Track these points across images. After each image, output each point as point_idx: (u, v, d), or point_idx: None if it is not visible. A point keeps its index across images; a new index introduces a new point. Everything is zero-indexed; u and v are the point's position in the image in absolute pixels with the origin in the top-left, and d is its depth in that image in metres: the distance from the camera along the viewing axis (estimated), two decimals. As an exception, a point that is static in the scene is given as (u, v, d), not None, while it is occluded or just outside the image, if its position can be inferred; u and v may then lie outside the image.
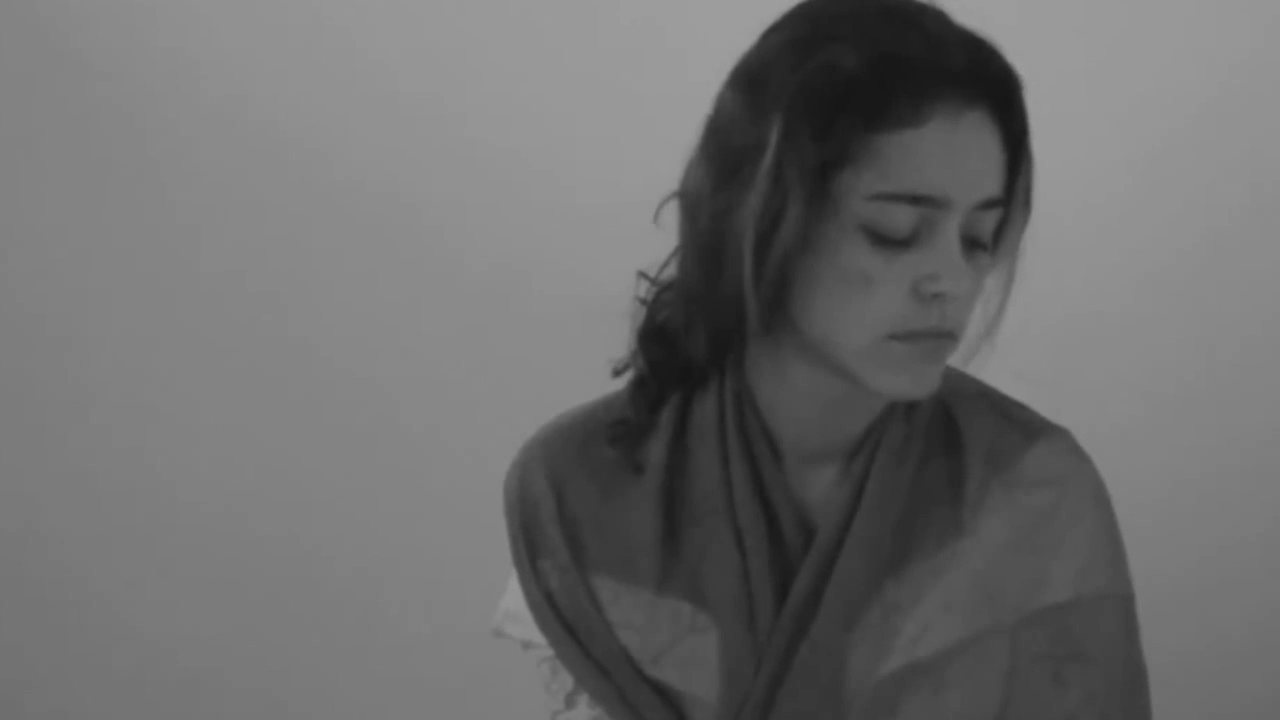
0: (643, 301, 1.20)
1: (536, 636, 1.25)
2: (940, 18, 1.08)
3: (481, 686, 2.31)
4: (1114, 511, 1.22)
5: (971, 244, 1.09)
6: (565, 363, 1.53)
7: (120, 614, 2.51)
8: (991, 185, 1.08)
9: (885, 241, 1.05)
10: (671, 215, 1.16)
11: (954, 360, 1.16)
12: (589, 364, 1.27)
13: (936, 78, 1.04)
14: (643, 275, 1.20)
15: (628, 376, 1.24)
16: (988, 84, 1.06)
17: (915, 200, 1.05)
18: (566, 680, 1.25)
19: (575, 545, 1.23)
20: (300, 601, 2.50)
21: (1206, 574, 2.22)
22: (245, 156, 2.44)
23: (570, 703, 1.25)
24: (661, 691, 1.20)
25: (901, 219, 1.05)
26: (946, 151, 1.04)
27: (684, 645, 1.19)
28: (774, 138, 1.03)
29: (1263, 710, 2.24)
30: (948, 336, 1.10)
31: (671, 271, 1.19)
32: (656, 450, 1.22)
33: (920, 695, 1.15)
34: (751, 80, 1.08)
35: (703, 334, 1.16)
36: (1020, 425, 1.23)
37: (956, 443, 1.20)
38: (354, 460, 2.48)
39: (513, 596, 1.27)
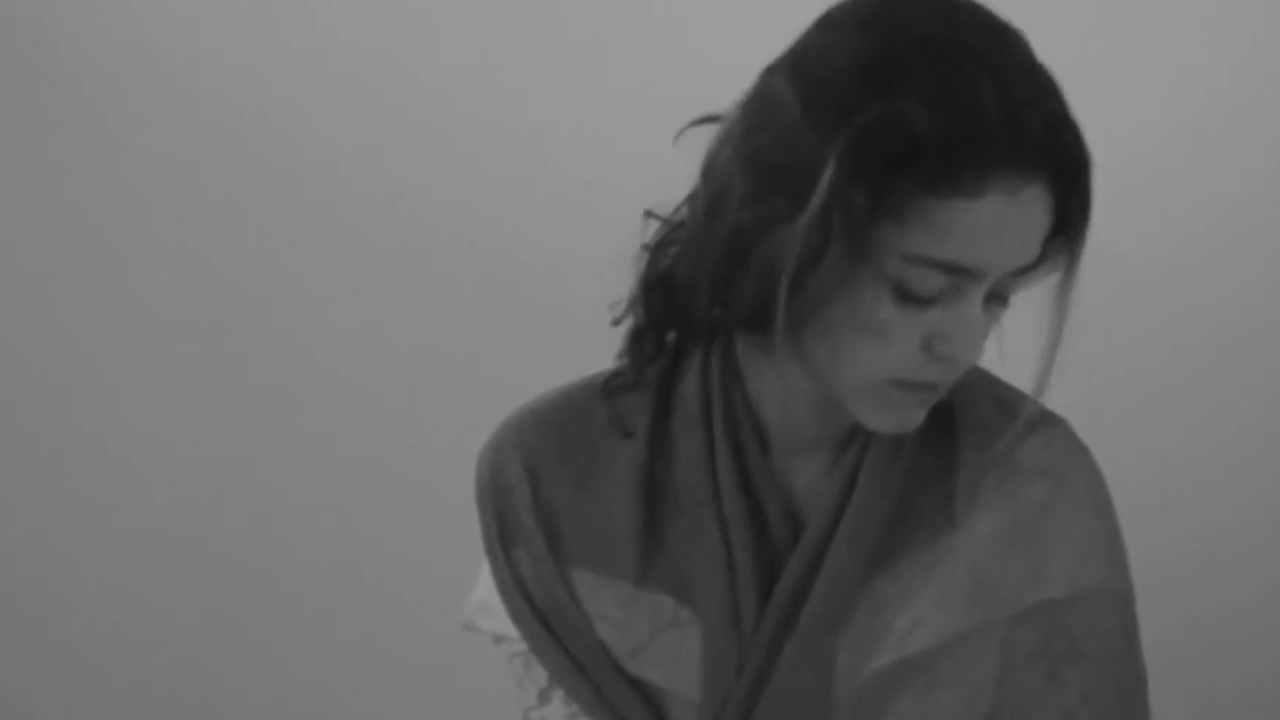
0: (646, 247, 1.15)
1: (509, 630, 1.21)
2: (1019, 58, 1.00)
3: (450, 683, 2.30)
4: (1113, 504, 1.19)
5: (991, 296, 1.05)
6: (548, 353, 1.52)
7: (91, 606, 2.51)
8: (1030, 254, 1.03)
9: (910, 298, 1.02)
10: (694, 141, 1.09)
11: None
12: (572, 356, 1.25)
13: (1006, 152, 0.98)
14: (650, 214, 1.15)
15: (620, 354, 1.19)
16: (1056, 162, 1.00)
17: (953, 270, 1.01)
18: (540, 676, 1.22)
19: (551, 534, 1.19)
20: (269, 595, 2.49)
21: (1196, 561, 2.24)
22: (228, 144, 2.42)
23: (544, 699, 1.22)
24: (640, 688, 1.17)
25: (933, 282, 1.01)
26: (997, 228, 0.99)
27: (665, 640, 1.16)
28: (825, 183, 0.97)
29: (1262, 699, 2.25)
30: (944, 386, 1.08)
31: (678, 221, 1.13)
32: (637, 435, 1.19)
33: (910, 694, 1.12)
34: (811, 88, 1.00)
35: (704, 304, 1.10)
36: (1016, 414, 1.19)
37: (950, 432, 1.17)
38: (324, 451, 2.46)
39: (484, 587, 1.24)
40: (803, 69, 1.02)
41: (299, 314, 2.45)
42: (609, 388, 1.19)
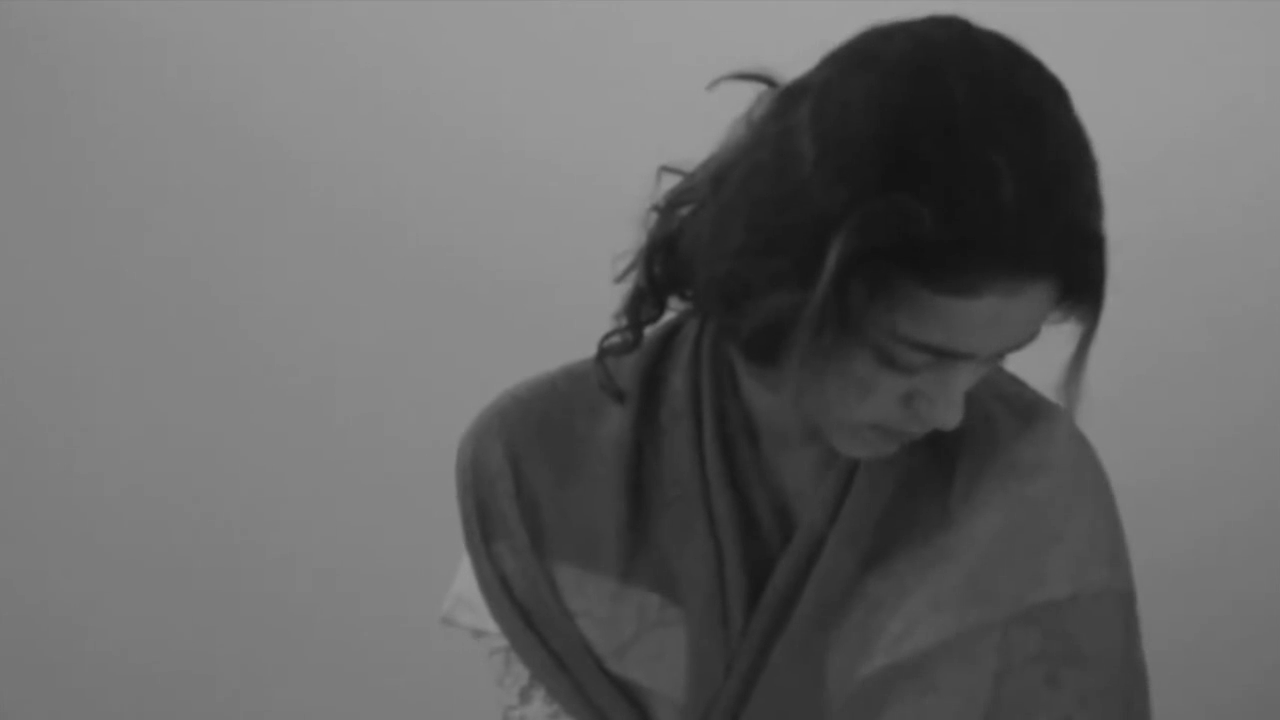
0: (656, 208, 1.10)
1: (489, 625, 1.19)
2: (1052, 144, 0.93)
3: (427, 679, 2.29)
4: (1115, 501, 1.16)
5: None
6: (526, 345, 1.49)
7: (59, 609, 2.50)
8: (1028, 338, 0.99)
9: (894, 366, 0.98)
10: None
11: None
12: (552, 347, 1.23)
13: (1011, 259, 0.92)
14: (668, 169, 1.10)
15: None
16: (1065, 267, 0.95)
17: (940, 353, 0.97)
18: (521, 673, 1.19)
19: (534, 527, 1.17)
20: (242, 590, 2.47)
21: (1198, 561, 2.23)
22: (205, 144, 2.41)
23: (525, 698, 1.19)
24: (624, 688, 1.14)
25: (918, 359, 0.97)
26: (992, 322, 0.95)
27: (650, 639, 1.13)
28: (826, 279, 0.93)
29: (1265, 702, 2.24)
30: (921, 434, 1.05)
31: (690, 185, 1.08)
32: (622, 425, 1.16)
33: (905, 698, 1.09)
34: (826, 148, 0.94)
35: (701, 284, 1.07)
36: (1014, 405, 1.16)
37: None
38: (300, 443, 2.45)
39: (464, 580, 1.21)
40: (824, 117, 0.95)
41: (273, 312, 2.44)
42: (603, 348, 1.15)
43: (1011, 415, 1.15)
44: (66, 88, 2.39)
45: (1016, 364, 1.07)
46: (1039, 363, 1.05)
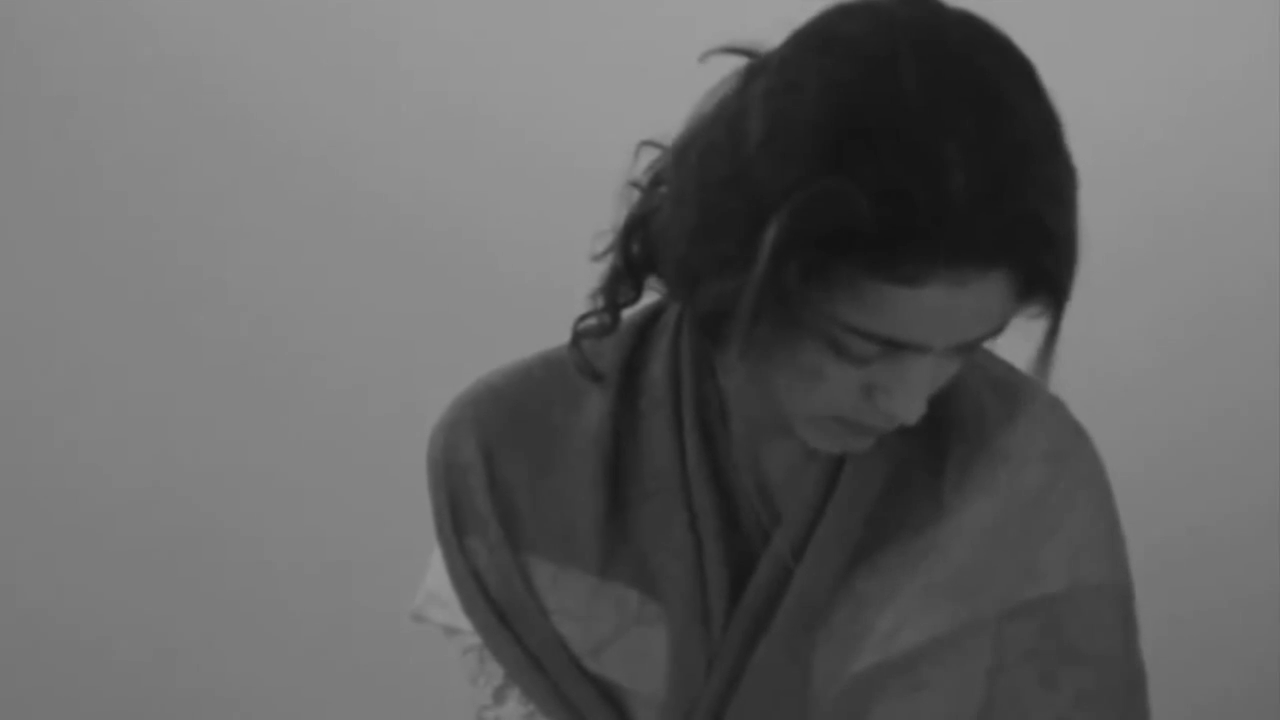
0: (634, 184, 1.07)
1: (462, 622, 1.16)
2: (1010, 130, 0.89)
3: (398, 678, 2.29)
4: (1112, 492, 1.14)
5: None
6: (493, 338, 1.47)
7: (36, 600, 2.48)
8: (987, 329, 0.95)
9: (847, 356, 0.95)
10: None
11: None
12: (523, 340, 1.21)
13: (956, 248, 0.89)
14: (650, 144, 1.06)
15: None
16: (1017, 258, 0.91)
17: (891, 344, 0.93)
18: (495, 672, 1.16)
19: (508, 520, 1.14)
20: (209, 583, 2.45)
21: (1194, 556, 2.22)
22: (189, 121, 2.39)
23: (499, 698, 1.17)
24: (602, 687, 1.12)
25: (869, 349, 0.94)
26: (940, 312, 0.91)
27: (629, 637, 1.11)
28: (760, 263, 0.91)
29: (1261, 707, 2.25)
30: (889, 429, 1.02)
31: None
32: (600, 415, 1.13)
33: (894, 697, 1.07)
34: (773, 127, 0.92)
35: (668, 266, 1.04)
36: (1008, 393, 1.13)
37: (940, 415, 1.09)
38: (274, 436, 2.43)
39: (436, 576, 1.18)
40: (774, 97, 0.93)
41: (254, 299, 2.42)
42: (579, 331, 1.12)
43: (1004, 403, 1.12)
44: (53, 74, 2.38)
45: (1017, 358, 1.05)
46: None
